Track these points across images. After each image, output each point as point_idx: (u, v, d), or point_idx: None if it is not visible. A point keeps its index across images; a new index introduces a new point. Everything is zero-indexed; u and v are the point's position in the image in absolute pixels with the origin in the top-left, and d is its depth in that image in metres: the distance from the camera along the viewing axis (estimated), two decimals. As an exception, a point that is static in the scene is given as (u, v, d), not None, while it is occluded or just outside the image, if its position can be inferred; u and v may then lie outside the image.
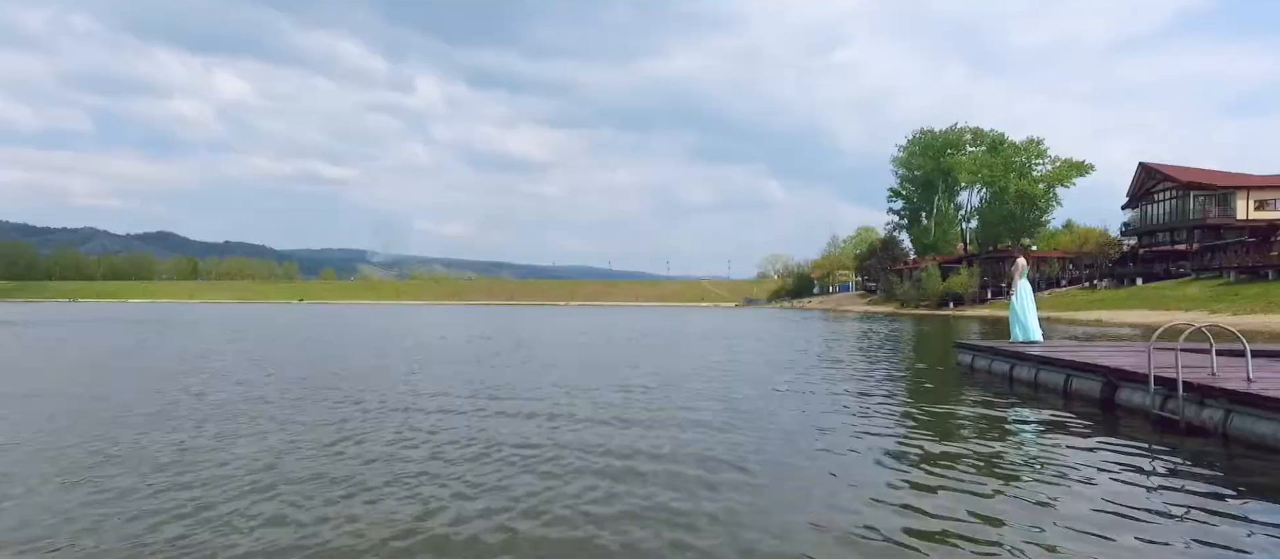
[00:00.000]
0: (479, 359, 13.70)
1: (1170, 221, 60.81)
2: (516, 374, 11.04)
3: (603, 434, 6.42)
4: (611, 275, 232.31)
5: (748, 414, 7.47)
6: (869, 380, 10.25)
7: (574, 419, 7.15)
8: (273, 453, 5.75)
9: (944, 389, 9.06)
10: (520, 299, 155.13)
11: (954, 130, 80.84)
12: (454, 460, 5.51)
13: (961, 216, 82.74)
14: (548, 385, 9.69)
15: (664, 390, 9.21)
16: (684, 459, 5.55)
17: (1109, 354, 9.13)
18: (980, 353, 10.93)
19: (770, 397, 8.74)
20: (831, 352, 16.27)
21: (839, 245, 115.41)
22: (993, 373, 10.09)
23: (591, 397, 8.63)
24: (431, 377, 10.73)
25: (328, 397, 8.51)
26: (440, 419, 7.11)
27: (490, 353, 15.21)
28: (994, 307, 58.64)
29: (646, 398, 8.58)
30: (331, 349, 16.00)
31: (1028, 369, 9.06)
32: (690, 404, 8.07)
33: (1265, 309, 32.03)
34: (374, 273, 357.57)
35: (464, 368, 11.93)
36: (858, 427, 6.81)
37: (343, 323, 31.93)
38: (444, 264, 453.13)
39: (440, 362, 12.88)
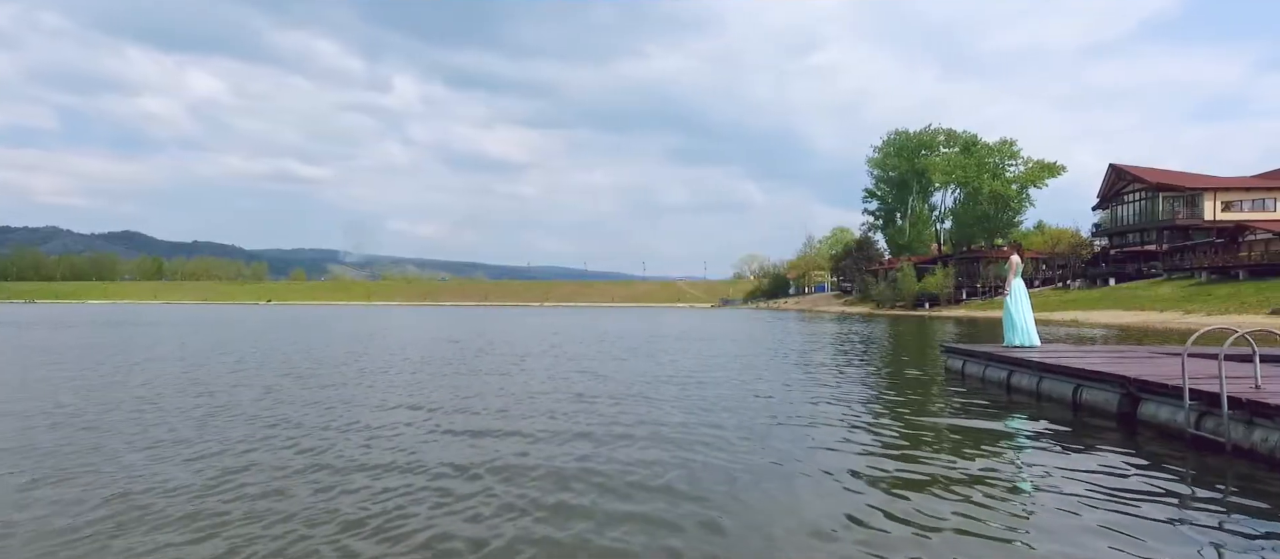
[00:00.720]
0: (421, 366, 12.64)
1: (1140, 222, 61.26)
2: (463, 383, 10.02)
3: (550, 454, 5.46)
4: (587, 276, 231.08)
5: (723, 431, 6.54)
6: (854, 389, 9.37)
7: (523, 436, 6.17)
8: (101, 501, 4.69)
9: (935, 399, 8.18)
10: (494, 300, 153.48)
11: (928, 131, 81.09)
12: (359, 494, 4.51)
13: (936, 217, 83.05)
14: (499, 395, 8.70)
15: (630, 402, 8.27)
16: (641, 492, 4.60)
17: (1123, 360, 8.23)
18: (972, 358, 10.05)
19: (748, 407, 7.83)
20: (811, 355, 15.43)
21: (815, 246, 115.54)
22: (987, 380, 9.23)
23: (548, 408, 7.66)
24: (368, 387, 9.67)
25: (232, 411, 7.44)
26: (354, 439, 6.09)
27: (440, 359, 14.14)
28: (969, 307, 58.58)
29: (609, 410, 7.63)
30: (267, 354, 14.81)
31: (1028, 377, 8.20)
32: (658, 420, 7.13)
33: (1239, 309, 31.94)
34: (346, 273, 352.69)
35: (400, 378, 10.87)
36: (846, 445, 5.92)
37: (297, 325, 30.53)
38: (417, 265, 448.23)
39: (374, 374, 11.79)
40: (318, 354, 14.54)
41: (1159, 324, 31.90)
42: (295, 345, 17.09)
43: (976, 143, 76.52)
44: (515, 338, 21.28)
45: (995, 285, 61.78)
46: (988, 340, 23.96)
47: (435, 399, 8.28)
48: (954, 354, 10.93)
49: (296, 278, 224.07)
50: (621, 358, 14.09)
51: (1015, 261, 11.06)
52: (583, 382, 10.05)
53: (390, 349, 16.10)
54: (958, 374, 10.32)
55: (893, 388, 9.22)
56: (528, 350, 16.00)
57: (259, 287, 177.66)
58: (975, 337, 24.95)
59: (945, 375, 10.56)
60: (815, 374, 11.13)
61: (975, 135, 77.44)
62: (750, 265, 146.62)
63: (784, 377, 10.78)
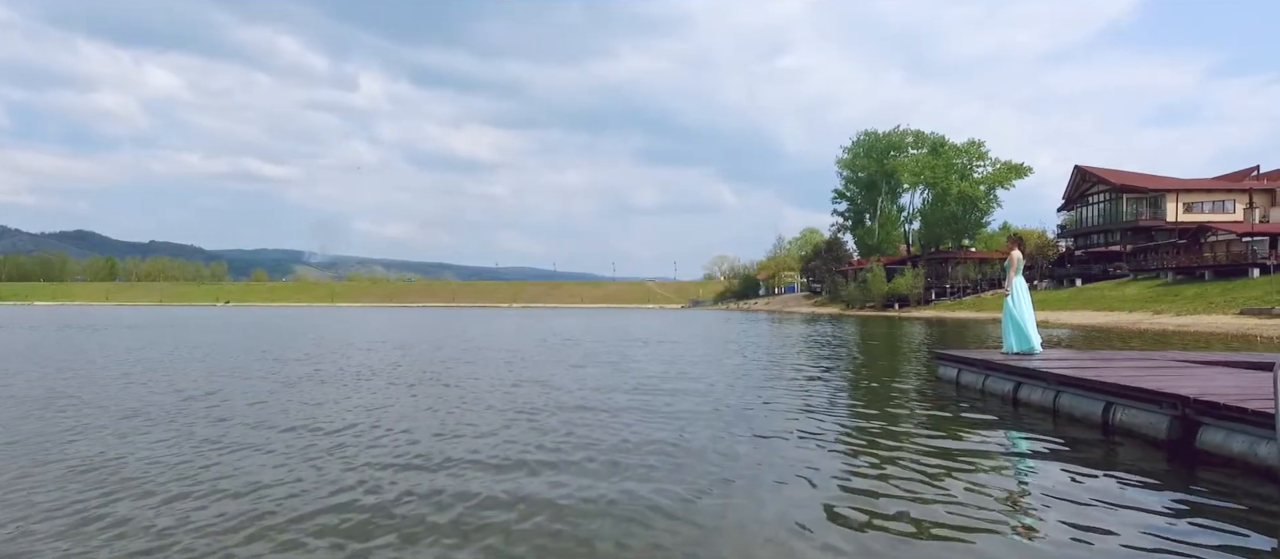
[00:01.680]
0: (351, 378, 11.45)
1: (1104, 224, 61.84)
2: (390, 398, 8.88)
3: (475, 490, 4.40)
4: (557, 276, 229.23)
5: (683, 465, 5.53)
6: (839, 401, 8.41)
7: (449, 467, 5.09)
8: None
9: (933, 417, 7.03)
10: (462, 301, 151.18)
11: (897, 132, 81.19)
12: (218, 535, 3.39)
13: (904, 218, 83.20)
14: (432, 411, 7.59)
15: (582, 418, 7.23)
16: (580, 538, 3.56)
17: (1156, 371, 6.91)
18: (969, 366, 8.93)
19: (715, 431, 6.82)
20: (787, 359, 14.50)
21: (784, 247, 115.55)
22: (988, 392, 8.08)
23: (489, 426, 6.58)
24: (268, 402, 8.49)
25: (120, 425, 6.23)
26: (240, 464, 4.96)
27: (377, 368, 12.94)
28: (938, 308, 58.52)
29: (555, 428, 6.57)
30: (170, 362, 13.46)
31: (1041, 390, 7.01)
32: (609, 444, 6.09)
33: (1207, 309, 31.91)
34: (311, 274, 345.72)
35: (314, 392, 9.69)
36: (840, 476, 4.94)
37: (242, 328, 28.89)
38: (384, 265, 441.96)
39: (288, 386, 10.58)
40: (234, 362, 13.23)
41: (1129, 324, 31.73)
42: (217, 351, 15.72)
43: (944, 144, 76.76)
44: (474, 341, 20.07)
45: (994, 282, 61.93)
46: (960, 342, 23.26)
47: (351, 418, 7.15)
48: (947, 361, 9.84)
49: (258, 278, 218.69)
50: (579, 365, 13.03)
51: (1016, 257, 9.79)
52: (533, 394, 8.98)
53: (325, 355, 14.83)
54: (951, 384, 9.22)
55: (882, 402, 8.25)
56: (482, 355, 14.85)
57: (217, 288, 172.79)
58: (946, 338, 24.32)
59: (937, 385, 9.48)
60: (794, 385, 10.16)
61: (943, 137, 77.69)
62: (720, 266, 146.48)
63: (757, 389, 9.80)
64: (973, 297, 59.56)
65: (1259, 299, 31.18)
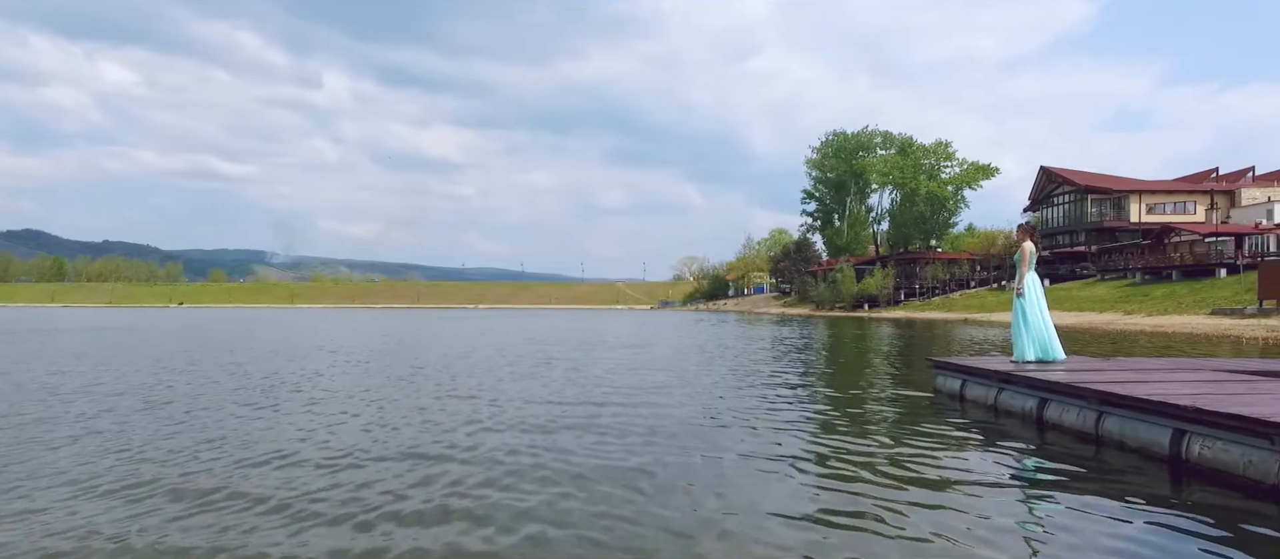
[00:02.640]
0: (259, 389, 10.07)
1: (1069, 224, 62.23)
2: (297, 419, 7.56)
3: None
4: (524, 277, 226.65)
5: (658, 496, 4.33)
6: (829, 420, 7.26)
7: (345, 516, 3.83)
8: None
9: (944, 439, 5.91)
10: (427, 302, 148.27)
11: (865, 133, 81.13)
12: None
13: (873, 218, 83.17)
14: (340, 431, 6.29)
15: (527, 440, 6.00)
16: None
17: (1240, 392, 5.41)
18: (976, 377, 7.64)
19: (689, 454, 5.64)
20: (764, 367, 13.39)
21: (753, 247, 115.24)
22: (1003, 410, 6.87)
23: (414, 451, 5.32)
24: (138, 423, 7.10)
25: None
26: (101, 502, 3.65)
27: (299, 377, 11.54)
28: (908, 308, 58.22)
29: (496, 459, 5.34)
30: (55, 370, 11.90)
31: (1077, 410, 5.72)
32: (555, 476, 4.86)
33: (1178, 309, 31.69)
34: (272, 275, 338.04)
35: (201, 413, 8.33)
36: (846, 521, 3.78)
37: (170, 332, 26.98)
38: (349, 266, 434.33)
39: (178, 400, 9.19)
40: (140, 366, 11.69)
41: (1103, 325, 31.37)
42: (132, 355, 14.10)
43: (912, 144, 76.85)
44: (427, 345, 18.63)
45: (962, 282, 61.72)
46: (934, 344, 22.34)
47: (249, 436, 5.81)
48: (947, 371, 8.54)
49: (216, 279, 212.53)
50: (531, 375, 11.75)
51: (1028, 249, 8.38)
52: (475, 411, 7.70)
53: (245, 363, 13.33)
54: (954, 398, 7.96)
55: (879, 421, 7.09)
56: (427, 362, 13.48)
57: (171, 289, 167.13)
58: (917, 339, 23.49)
59: (936, 400, 8.23)
60: (774, 399, 9.03)
61: (911, 137, 77.83)
62: (690, 267, 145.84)
63: (732, 402, 8.66)
64: (941, 297, 59.42)
65: (1229, 299, 31.02)
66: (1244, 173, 60.61)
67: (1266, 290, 27.78)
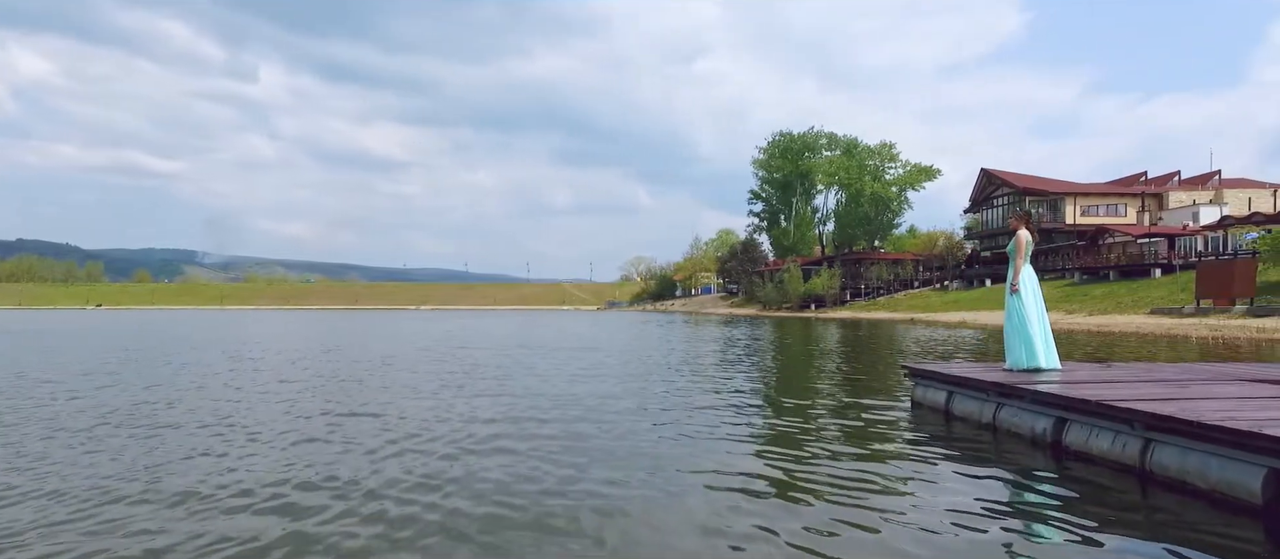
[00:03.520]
0: (102, 411, 8.51)
1: (1007, 226, 63.36)
2: (139, 445, 6.09)
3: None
4: (468, 278, 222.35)
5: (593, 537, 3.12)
6: (799, 440, 6.17)
7: None
8: None
9: (941, 471, 4.84)
10: (366, 303, 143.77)
11: (811, 134, 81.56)
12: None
13: (819, 219, 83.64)
14: (234, 460, 4.89)
15: (425, 463, 4.71)
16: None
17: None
18: (968, 389, 6.45)
19: (633, 483, 4.43)
20: (714, 372, 12.30)
21: (701, 248, 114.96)
22: (1004, 429, 5.76)
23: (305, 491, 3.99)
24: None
25: None
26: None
27: (186, 383, 9.95)
28: (854, 308, 58.33)
29: (389, 495, 4.05)
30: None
31: (1115, 436, 4.57)
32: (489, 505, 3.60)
33: (1119, 309, 32.04)
34: (203, 275, 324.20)
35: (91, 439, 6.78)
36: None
37: (52, 336, 24.48)
38: (285, 266, 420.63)
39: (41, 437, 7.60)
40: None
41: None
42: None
43: (857, 145, 77.56)
44: (347, 350, 16.95)
45: (906, 282, 62.02)
46: (881, 343, 21.70)
47: (60, 465, 4.37)
48: (929, 380, 7.28)
49: (141, 279, 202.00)
50: (456, 384, 10.40)
51: (1024, 238, 7.32)
52: (376, 431, 6.35)
53: (111, 370, 11.57)
54: (937, 413, 6.82)
55: (854, 441, 5.96)
56: (337, 371, 11.95)
57: (89, 289, 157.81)
58: (867, 340, 22.87)
59: (917, 415, 7.03)
60: (725, 412, 7.91)
61: (856, 139, 78.54)
62: (637, 267, 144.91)
63: (680, 416, 7.50)
64: (886, 297, 59.78)
65: (1165, 299, 31.50)
66: (1171, 177, 62.83)
67: (1203, 290, 28.17)
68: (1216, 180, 59.81)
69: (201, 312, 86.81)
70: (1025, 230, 7.35)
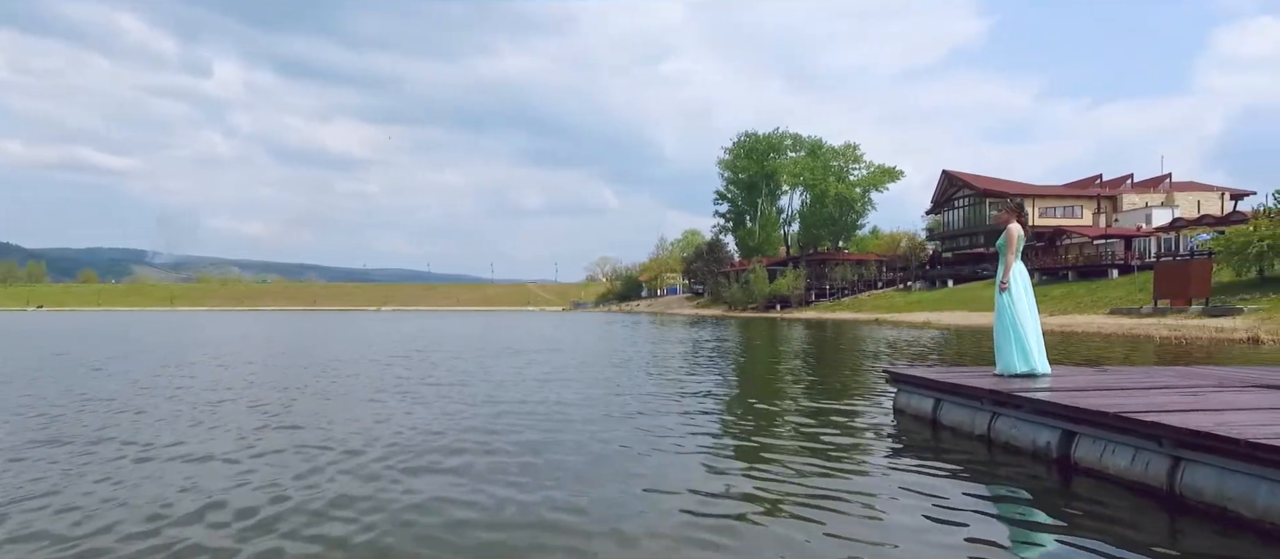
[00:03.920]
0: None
1: (969, 227, 64.26)
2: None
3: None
4: (431, 278, 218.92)
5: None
6: (773, 455, 5.62)
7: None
8: None
9: (936, 488, 4.26)
10: (324, 304, 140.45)
11: (776, 134, 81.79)
12: None
13: (784, 220, 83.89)
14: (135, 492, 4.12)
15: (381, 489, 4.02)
16: None
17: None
18: (958, 396, 5.87)
19: (593, 513, 3.80)
20: (681, 376, 11.72)
21: (666, 248, 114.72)
22: (1000, 443, 5.19)
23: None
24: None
25: None
26: None
27: (98, 392, 9.05)
28: (818, 309, 58.41)
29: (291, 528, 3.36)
30: None
31: (1135, 453, 4.01)
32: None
33: (1078, 309, 32.36)
34: (153, 275, 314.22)
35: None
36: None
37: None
38: (241, 266, 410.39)
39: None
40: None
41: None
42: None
43: (822, 146, 77.98)
44: (291, 354, 15.98)
45: (869, 283, 62.21)
46: (848, 343, 21.36)
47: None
48: (914, 386, 6.67)
49: (87, 279, 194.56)
50: (402, 391, 9.64)
51: (1015, 232, 6.79)
52: (297, 448, 5.61)
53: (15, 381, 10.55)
54: (923, 422, 6.27)
55: (834, 455, 5.46)
56: (267, 379, 11.07)
57: (30, 290, 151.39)
58: (834, 340, 22.56)
59: (901, 424, 6.49)
60: (696, 419, 7.32)
61: (821, 140, 78.97)
62: (603, 268, 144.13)
63: (650, 423, 6.88)
64: (851, 298, 60.03)
65: (1124, 299, 31.90)
66: (1124, 179, 64.29)
67: (1161, 290, 28.53)
68: (1167, 183, 61.36)
69: (148, 313, 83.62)
70: (1016, 224, 6.87)
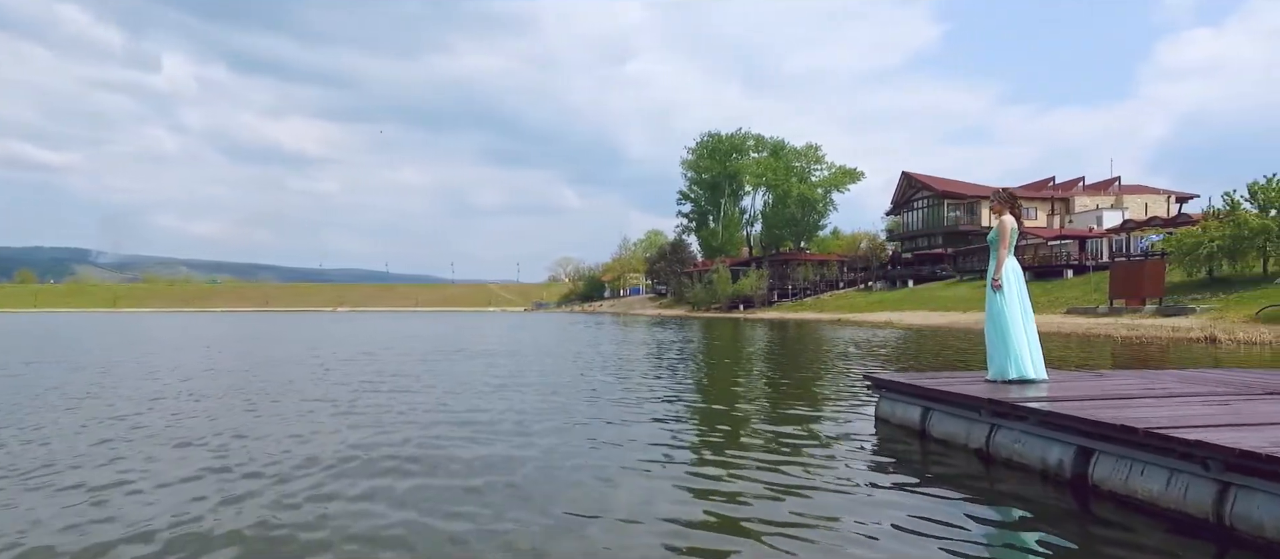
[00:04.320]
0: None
1: (928, 228, 65.14)
2: None
3: None
4: (389, 278, 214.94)
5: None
6: (744, 465, 5.11)
7: None
8: None
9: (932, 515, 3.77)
10: (278, 305, 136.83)
11: (739, 135, 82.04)
12: None
13: (747, 220, 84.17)
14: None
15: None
16: None
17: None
18: (950, 406, 5.39)
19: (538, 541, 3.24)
20: (649, 384, 11.18)
21: (629, 248, 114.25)
22: (1001, 459, 4.69)
23: None
24: None
25: None
26: None
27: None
28: (781, 309, 58.50)
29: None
30: None
31: (1172, 477, 3.53)
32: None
33: (1036, 309, 31.89)
34: (97, 276, 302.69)
35: None
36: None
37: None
38: (191, 266, 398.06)
39: None
40: None
41: (970, 324, 31.84)
42: None
43: (784, 147, 78.41)
44: (223, 357, 15.02)
45: (831, 283, 62.40)
46: (812, 344, 21.06)
47: None
48: (899, 394, 6.16)
49: (23, 280, 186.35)
50: (335, 399, 8.94)
51: (1008, 225, 6.22)
52: (191, 471, 4.92)
53: None
54: (912, 434, 5.77)
55: (814, 476, 5.01)
56: (190, 389, 10.23)
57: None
58: (799, 341, 22.31)
59: (882, 433, 6.05)
60: (663, 432, 6.80)
61: (783, 140, 79.40)
62: (565, 268, 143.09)
63: (611, 444, 6.34)
64: (813, 298, 60.30)
65: (1079, 298, 32.40)
66: (1077, 182, 65.81)
67: (1116, 290, 29.00)
68: (1117, 186, 62.99)
69: (87, 315, 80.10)
70: (1010, 216, 6.40)
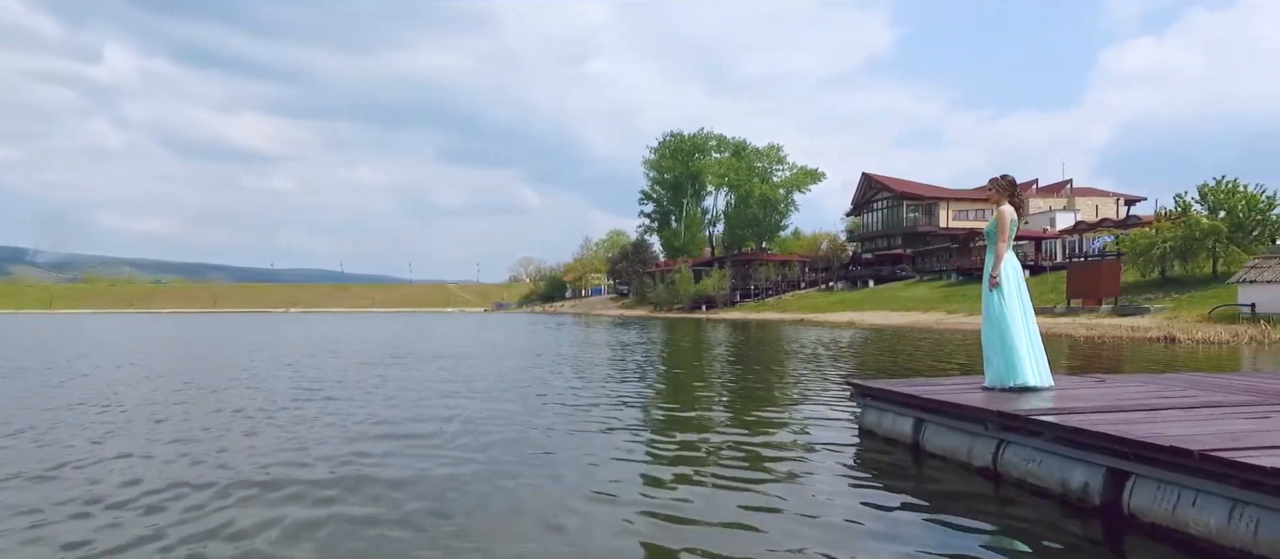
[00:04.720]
0: None
1: (887, 229, 65.85)
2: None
3: None
4: (344, 278, 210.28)
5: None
6: (719, 486, 4.54)
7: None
8: None
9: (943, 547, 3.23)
10: (227, 306, 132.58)
11: (701, 135, 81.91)
12: None
13: (709, 220, 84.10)
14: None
15: None
16: None
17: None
18: (945, 417, 4.86)
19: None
20: (612, 388, 10.57)
21: (591, 248, 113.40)
22: (1013, 478, 4.12)
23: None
24: None
25: None
26: None
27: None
28: (743, 309, 58.40)
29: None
30: None
31: (1223, 506, 2.94)
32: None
33: (995, 309, 33.01)
34: (35, 275, 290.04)
35: None
36: None
37: None
38: (136, 265, 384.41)
39: None
40: None
41: (930, 324, 31.99)
42: None
43: (746, 147, 78.55)
44: (146, 360, 13.94)
45: (793, 283, 62.43)
46: (775, 344, 20.57)
47: None
48: (886, 403, 5.62)
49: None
50: (256, 410, 8.14)
51: (1008, 215, 5.73)
52: (79, 499, 4.16)
53: None
54: (901, 448, 5.20)
55: (797, 499, 4.47)
56: (101, 396, 9.30)
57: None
58: (762, 342, 21.93)
59: (868, 446, 5.49)
60: (630, 444, 6.20)
61: (745, 141, 79.54)
62: (526, 268, 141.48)
63: (571, 459, 5.72)
64: (775, 298, 60.36)
65: (1036, 299, 31.99)
66: (1030, 184, 67.12)
67: (1073, 290, 29.36)
68: (1069, 189, 64.44)
69: (17, 316, 76.23)
70: (1010, 206, 5.90)
